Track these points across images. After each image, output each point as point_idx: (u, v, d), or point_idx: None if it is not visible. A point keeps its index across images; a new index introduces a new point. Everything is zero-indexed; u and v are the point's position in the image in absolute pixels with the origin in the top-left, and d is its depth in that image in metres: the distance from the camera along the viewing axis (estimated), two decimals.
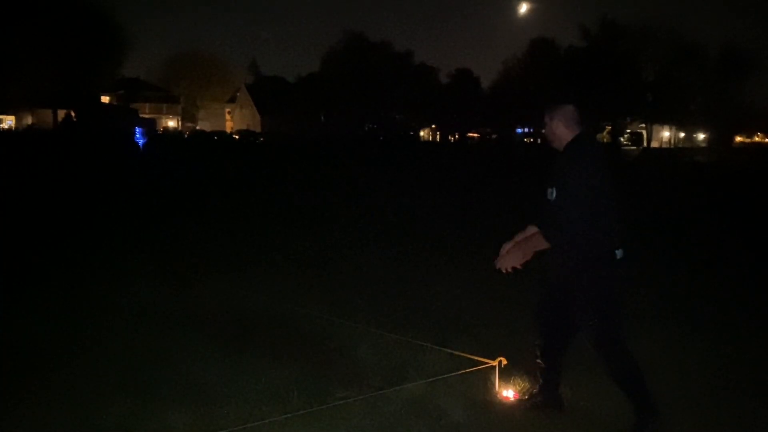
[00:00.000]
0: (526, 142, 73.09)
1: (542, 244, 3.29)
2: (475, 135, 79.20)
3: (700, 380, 4.05)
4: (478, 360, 3.87)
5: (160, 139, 51.72)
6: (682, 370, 4.21)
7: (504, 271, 3.42)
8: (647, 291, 6.03)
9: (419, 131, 79.48)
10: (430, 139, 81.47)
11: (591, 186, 3.14)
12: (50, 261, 7.08)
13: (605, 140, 61.61)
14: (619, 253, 3.19)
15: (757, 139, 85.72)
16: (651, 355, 4.23)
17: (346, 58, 67.21)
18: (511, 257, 3.38)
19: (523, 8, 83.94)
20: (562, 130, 3.36)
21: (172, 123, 77.36)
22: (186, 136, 63.03)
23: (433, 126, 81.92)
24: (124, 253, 7.53)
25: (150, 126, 56.30)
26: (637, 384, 3.23)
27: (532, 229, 3.49)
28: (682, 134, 73.95)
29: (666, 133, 74.62)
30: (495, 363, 3.75)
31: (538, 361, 3.58)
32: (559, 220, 3.19)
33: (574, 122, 3.36)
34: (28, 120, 52.53)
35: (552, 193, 3.25)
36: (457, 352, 4.14)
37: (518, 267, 3.39)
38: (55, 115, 51.85)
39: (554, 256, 3.32)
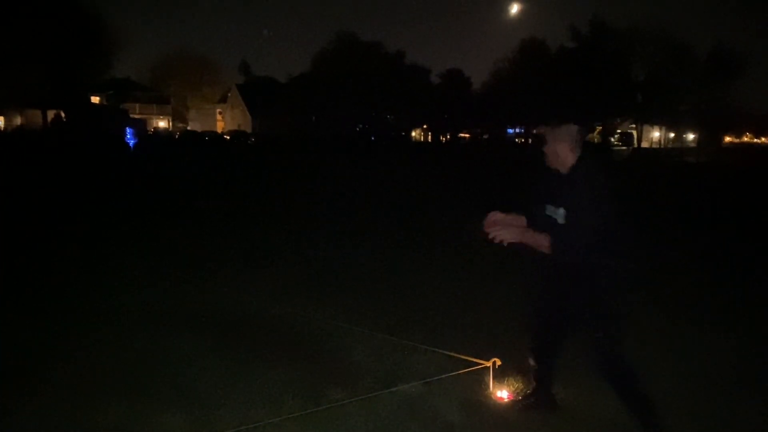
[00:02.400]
0: (517, 142, 73.37)
1: (544, 248, 3.21)
2: (467, 135, 79.38)
3: (700, 380, 4.07)
4: (472, 361, 3.88)
5: (150, 139, 51.51)
6: (683, 371, 4.23)
7: (495, 241, 3.22)
8: (644, 292, 6.06)
9: (411, 131, 79.50)
10: (422, 139, 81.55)
11: (603, 209, 3.10)
12: (42, 262, 7.04)
13: (596, 141, 61.84)
14: (619, 263, 3.18)
15: (746, 139, 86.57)
16: (651, 357, 4.26)
17: (337, 58, 67.02)
18: (510, 233, 3.22)
19: (514, 9, 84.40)
20: (567, 153, 3.25)
21: (162, 123, 76.86)
22: (177, 136, 62.72)
23: (425, 126, 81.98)
24: (116, 254, 7.49)
25: (140, 126, 55.90)
26: (636, 390, 3.22)
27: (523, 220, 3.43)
28: (672, 134, 74.35)
29: (656, 134, 75.02)
30: (489, 364, 3.76)
31: (531, 362, 3.59)
32: (570, 240, 3.13)
33: (578, 144, 3.27)
34: (18, 120, 52.05)
35: (558, 213, 3.19)
36: (451, 353, 4.15)
37: (504, 245, 3.22)
38: (45, 116, 51.32)
39: (558, 269, 3.30)
